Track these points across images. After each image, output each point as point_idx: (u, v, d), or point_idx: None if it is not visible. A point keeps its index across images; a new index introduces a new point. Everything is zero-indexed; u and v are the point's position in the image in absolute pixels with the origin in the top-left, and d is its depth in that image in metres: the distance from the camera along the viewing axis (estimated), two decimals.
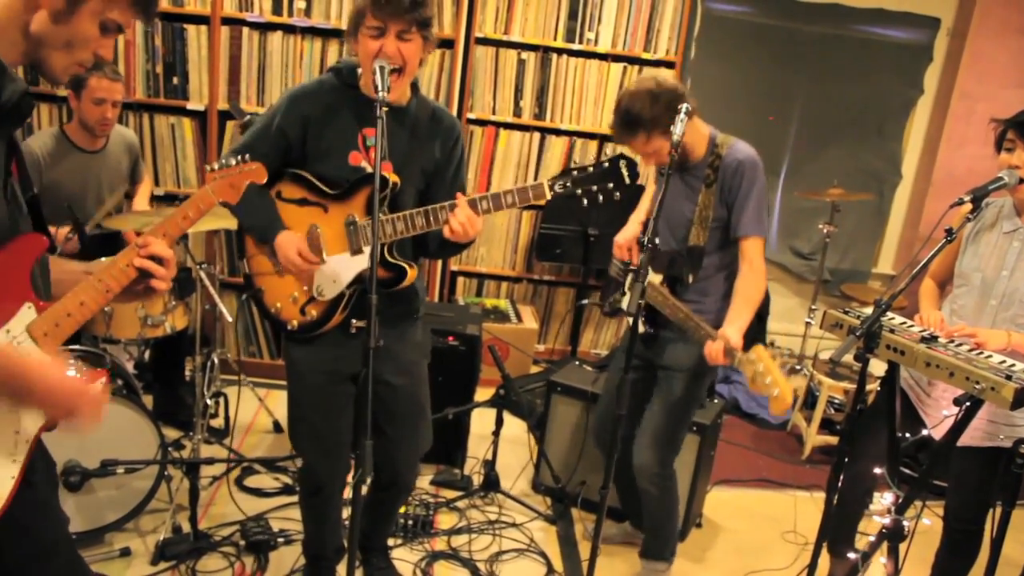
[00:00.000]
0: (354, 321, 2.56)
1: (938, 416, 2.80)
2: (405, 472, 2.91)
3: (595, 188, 2.29)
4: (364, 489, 2.17)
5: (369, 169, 2.49)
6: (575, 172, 2.29)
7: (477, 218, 2.36)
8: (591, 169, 2.28)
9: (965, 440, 2.65)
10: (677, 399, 3.01)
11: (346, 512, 3.13)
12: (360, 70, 2.49)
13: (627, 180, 2.28)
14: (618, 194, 2.29)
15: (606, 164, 2.27)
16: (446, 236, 2.39)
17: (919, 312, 2.82)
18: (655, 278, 2.94)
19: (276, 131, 2.51)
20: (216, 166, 1.90)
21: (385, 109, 2.14)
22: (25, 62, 1.58)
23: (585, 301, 5.13)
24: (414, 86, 2.57)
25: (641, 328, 2.99)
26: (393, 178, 2.46)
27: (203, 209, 1.84)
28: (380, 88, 2.17)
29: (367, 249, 2.48)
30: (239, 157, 1.92)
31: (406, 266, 2.50)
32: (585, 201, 2.31)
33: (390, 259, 2.50)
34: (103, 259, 1.78)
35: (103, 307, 1.77)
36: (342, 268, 2.52)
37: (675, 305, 2.83)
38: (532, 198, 2.36)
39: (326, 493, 2.84)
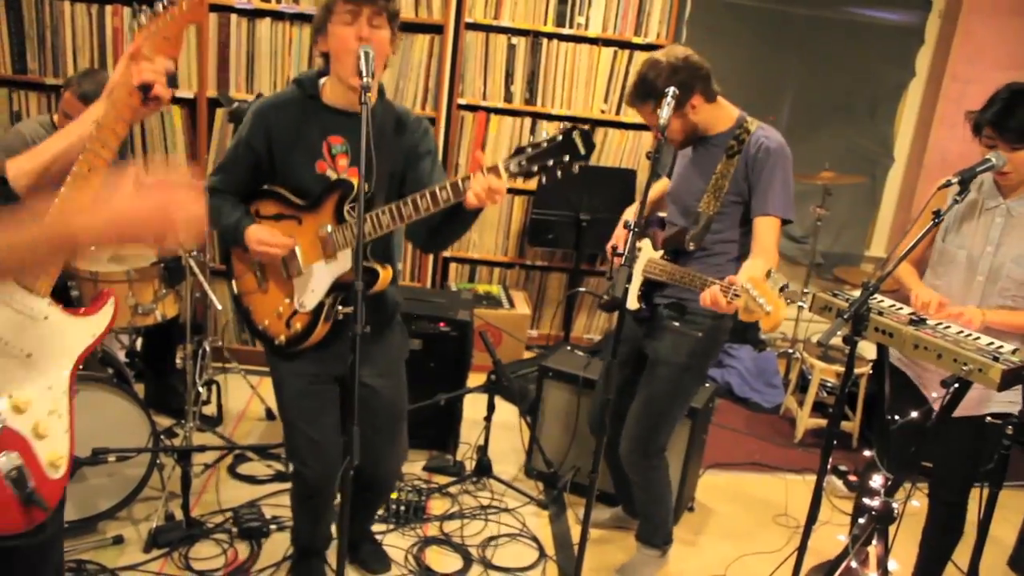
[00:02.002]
0: (340, 308, 2.56)
1: (932, 396, 2.81)
2: (385, 473, 2.93)
3: (551, 163, 2.21)
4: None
5: (334, 177, 2.49)
6: (529, 149, 2.23)
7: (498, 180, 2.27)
8: (545, 144, 2.21)
9: (958, 411, 2.66)
10: (661, 392, 3.00)
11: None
12: (323, 80, 2.50)
13: (582, 151, 2.20)
14: (576, 166, 2.23)
15: (559, 137, 2.20)
16: (469, 204, 2.30)
17: (912, 292, 2.79)
18: (655, 254, 2.93)
19: (245, 147, 2.53)
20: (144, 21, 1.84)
21: (370, 94, 2.14)
22: None
23: (581, 289, 5.13)
24: (380, 91, 2.57)
25: (636, 304, 2.99)
26: (355, 180, 2.44)
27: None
28: (365, 74, 2.16)
29: (341, 255, 2.49)
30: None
31: (378, 268, 2.49)
32: (544, 177, 2.25)
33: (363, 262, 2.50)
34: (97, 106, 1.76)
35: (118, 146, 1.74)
36: (319, 277, 2.53)
37: (674, 269, 2.78)
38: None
39: (320, 496, 2.85)
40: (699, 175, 2.86)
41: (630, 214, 3.15)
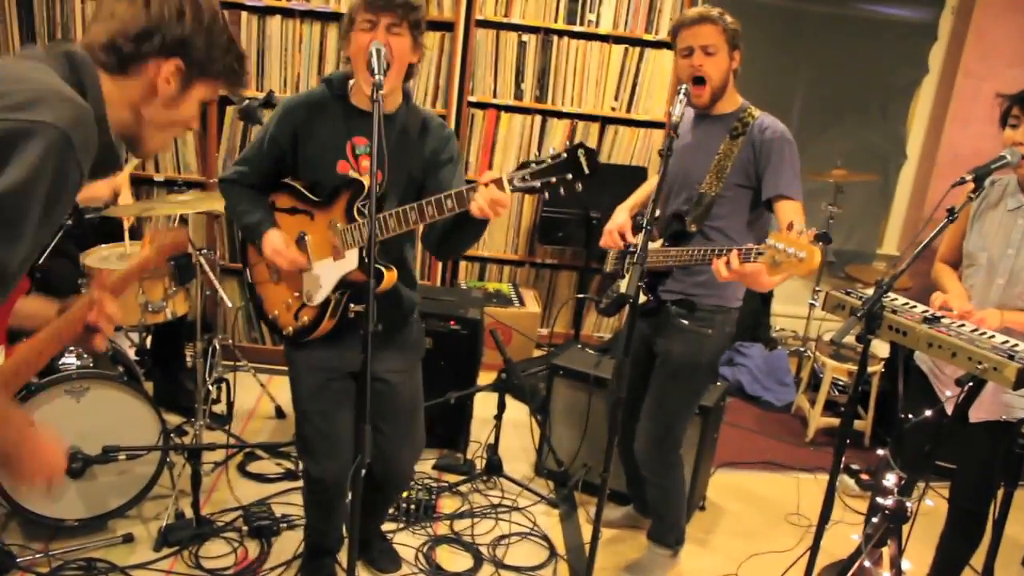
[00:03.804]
0: (352, 305, 2.57)
1: (947, 394, 2.78)
2: (397, 471, 2.92)
3: (554, 180, 2.23)
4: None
5: (354, 175, 2.52)
6: (533, 164, 2.24)
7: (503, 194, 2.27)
8: (549, 160, 2.22)
9: (981, 415, 2.63)
10: (674, 391, 2.99)
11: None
12: (351, 82, 2.53)
13: (586, 170, 2.22)
14: (579, 185, 2.25)
15: (564, 155, 2.21)
16: (473, 214, 2.30)
17: (945, 294, 2.73)
18: (654, 244, 2.90)
19: (270, 141, 2.58)
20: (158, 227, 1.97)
21: (381, 91, 2.12)
22: (120, 138, 1.59)
23: (582, 296, 5.11)
24: (406, 95, 2.59)
25: (643, 298, 2.96)
26: (367, 180, 2.46)
27: (144, 269, 2.01)
28: (376, 70, 2.15)
29: (349, 253, 2.51)
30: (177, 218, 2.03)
31: (383, 269, 2.49)
32: (546, 193, 2.27)
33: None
34: (68, 301, 1.83)
35: (53, 356, 1.81)
36: (327, 273, 2.56)
37: (678, 253, 2.74)
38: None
39: (331, 493, 2.84)
40: (702, 155, 2.84)
41: (622, 212, 3.10)
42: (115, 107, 1.52)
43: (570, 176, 2.22)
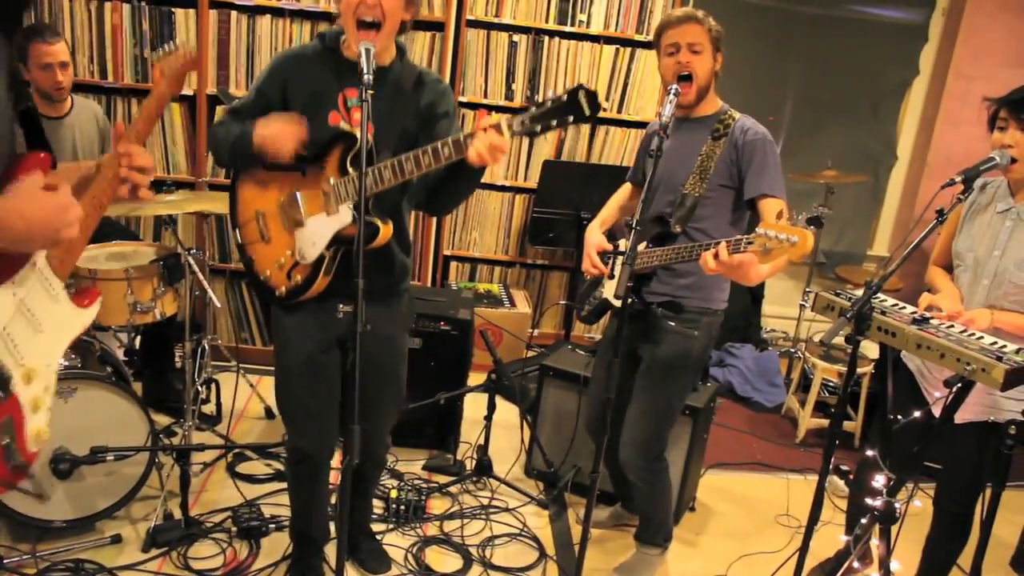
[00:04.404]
0: (341, 306, 2.56)
1: (935, 396, 2.79)
2: (374, 443, 2.88)
3: (555, 123, 2.20)
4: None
5: (346, 127, 2.49)
6: (533, 107, 2.22)
7: (500, 137, 2.25)
8: (549, 103, 2.19)
9: (966, 416, 2.64)
10: (661, 395, 2.98)
11: (333, 499, 3.14)
12: (343, 36, 2.51)
13: (587, 112, 2.19)
14: (581, 124, 2.24)
15: (564, 97, 2.18)
16: (471, 160, 2.28)
17: (936, 295, 2.74)
18: (639, 247, 2.89)
19: (257, 93, 2.57)
20: (159, 55, 1.98)
21: (371, 91, 2.12)
22: None
23: (566, 303, 5.10)
24: (401, 50, 2.57)
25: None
26: (356, 132, 2.43)
27: (162, 105, 1.96)
28: (366, 71, 2.14)
29: (343, 208, 2.47)
30: (173, 43, 2.01)
31: (379, 223, 2.46)
32: (546, 135, 2.25)
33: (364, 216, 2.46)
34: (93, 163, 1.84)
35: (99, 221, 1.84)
36: (320, 229, 2.52)
37: (664, 253, 2.72)
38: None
39: (313, 462, 2.83)
40: (684, 156, 2.85)
41: (595, 232, 3.09)
42: None
43: (571, 118, 2.20)
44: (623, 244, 2.96)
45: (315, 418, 2.74)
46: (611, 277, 3.03)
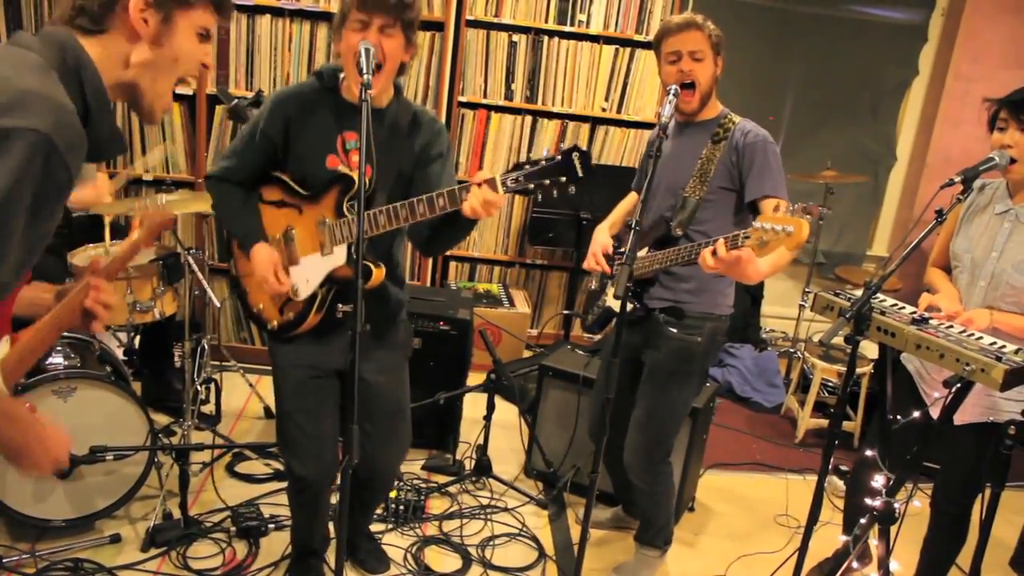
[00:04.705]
0: (340, 305, 2.56)
1: (933, 396, 2.79)
2: (383, 470, 2.92)
3: (548, 182, 2.24)
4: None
5: (344, 171, 2.50)
6: (527, 166, 2.24)
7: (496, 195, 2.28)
8: (543, 163, 2.23)
9: (966, 418, 2.64)
10: (664, 402, 2.97)
11: (333, 499, 3.13)
12: (342, 74, 2.50)
13: (580, 173, 2.23)
14: (572, 188, 2.26)
15: (558, 157, 2.22)
16: (465, 213, 2.30)
17: (935, 295, 2.74)
18: (640, 252, 2.89)
19: (261, 135, 2.54)
20: (144, 204, 1.96)
21: (370, 91, 2.12)
22: (122, 99, 1.57)
23: (569, 312, 5.11)
24: (397, 89, 2.57)
25: (629, 306, 2.95)
26: (354, 175, 2.45)
27: (136, 251, 1.96)
28: (365, 70, 2.14)
29: (337, 249, 2.50)
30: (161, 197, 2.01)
31: (372, 266, 2.48)
32: (539, 195, 2.28)
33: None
34: (66, 285, 1.84)
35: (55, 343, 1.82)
36: (314, 268, 2.54)
37: (665, 255, 2.74)
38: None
39: (314, 491, 2.84)
40: (685, 161, 2.85)
41: (603, 232, 3.11)
42: (108, 69, 1.49)
43: (564, 179, 2.23)
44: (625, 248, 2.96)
45: (313, 443, 2.73)
46: (614, 282, 3.03)
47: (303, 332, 2.60)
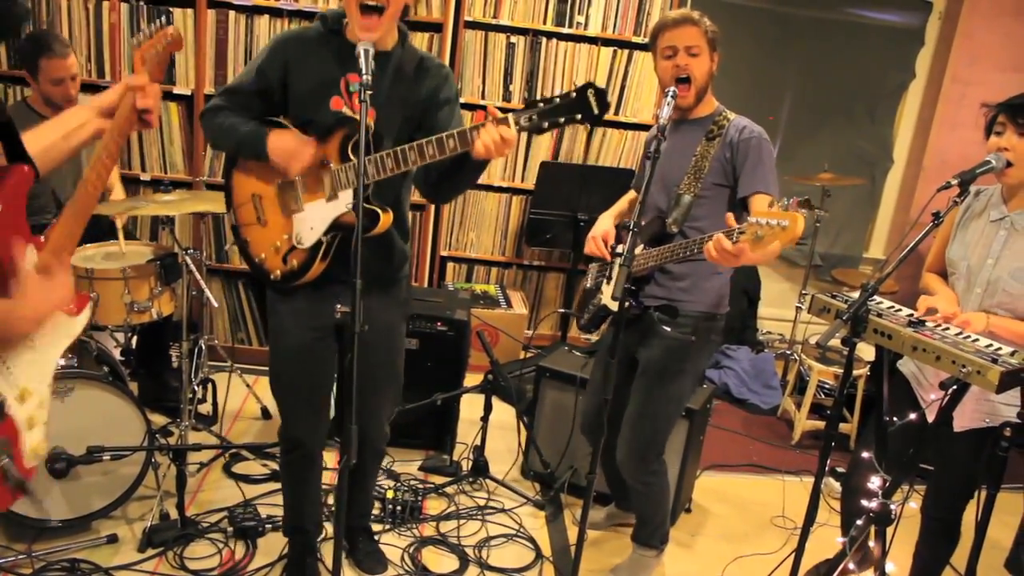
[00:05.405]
0: (339, 306, 2.55)
1: (929, 399, 2.79)
2: (372, 432, 2.86)
3: (562, 120, 2.20)
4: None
5: (348, 113, 2.46)
6: (541, 103, 2.20)
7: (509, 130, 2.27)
8: (558, 100, 2.18)
9: (965, 424, 2.64)
10: (657, 400, 2.97)
11: (330, 500, 3.13)
12: (346, 19, 2.47)
13: (595, 110, 2.18)
14: (588, 124, 2.23)
15: (573, 94, 2.17)
16: (477, 153, 2.29)
17: (932, 297, 2.73)
18: (636, 250, 2.89)
19: (258, 72, 2.51)
20: (138, 40, 1.92)
21: (370, 92, 2.12)
22: None
23: (565, 311, 5.11)
24: (403, 34, 2.54)
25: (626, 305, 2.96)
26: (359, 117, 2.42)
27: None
28: (364, 72, 2.14)
29: (342, 194, 2.44)
30: (156, 25, 1.95)
31: (379, 210, 2.44)
32: (553, 133, 2.25)
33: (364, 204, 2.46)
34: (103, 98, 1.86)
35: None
36: (319, 214, 2.48)
37: (660, 252, 2.74)
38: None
39: (306, 450, 2.82)
40: (679, 158, 2.86)
41: (607, 219, 3.11)
42: None
43: (579, 116, 2.19)
44: (622, 248, 2.96)
45: (308, 403, 2.72)
46: (609, 280, 3.04)
47: (305, 283, 2.55)
